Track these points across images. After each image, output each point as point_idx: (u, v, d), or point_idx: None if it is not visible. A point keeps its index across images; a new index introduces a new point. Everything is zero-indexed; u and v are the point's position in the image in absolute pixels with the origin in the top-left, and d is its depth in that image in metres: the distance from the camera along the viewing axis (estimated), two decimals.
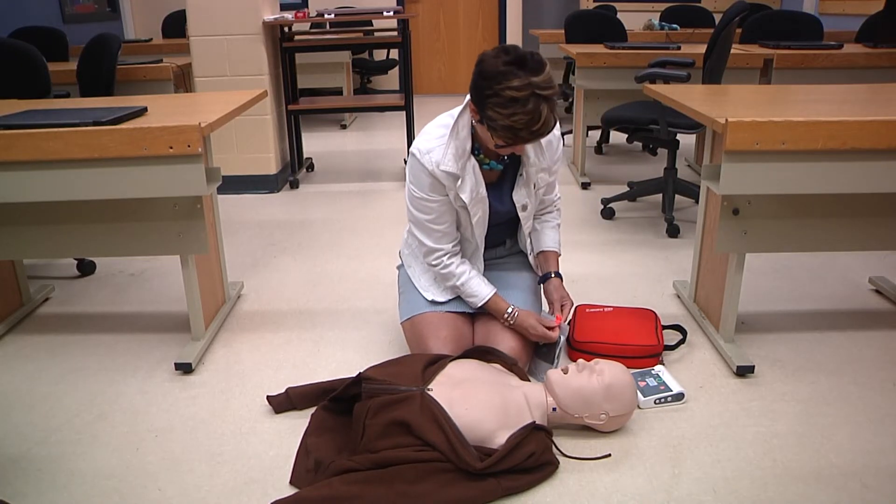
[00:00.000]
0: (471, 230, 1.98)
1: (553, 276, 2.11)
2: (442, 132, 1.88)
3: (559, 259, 2.16)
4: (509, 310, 1.96)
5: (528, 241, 2.14)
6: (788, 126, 1.80)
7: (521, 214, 2.02)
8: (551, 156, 2.00)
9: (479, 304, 1.99)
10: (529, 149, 1.93)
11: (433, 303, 2.03)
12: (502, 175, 2.00)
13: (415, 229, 1.99)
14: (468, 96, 1.79)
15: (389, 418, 1.60)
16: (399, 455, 1.56)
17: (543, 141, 1.95)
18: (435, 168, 1.85)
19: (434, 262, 1.99)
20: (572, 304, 2.07)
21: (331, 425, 1.78)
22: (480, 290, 1.98)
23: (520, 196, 1.99)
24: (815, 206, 2.00)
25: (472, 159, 1.88)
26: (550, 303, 2.08)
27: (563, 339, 1.99)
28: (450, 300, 2.03)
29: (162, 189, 1.96)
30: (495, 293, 1.99)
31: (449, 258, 1.98)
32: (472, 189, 1.88)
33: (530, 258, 2.17)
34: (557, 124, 1.91)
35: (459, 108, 1.87)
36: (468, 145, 1.87)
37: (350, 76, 5.91)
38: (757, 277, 2.70)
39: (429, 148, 1.87)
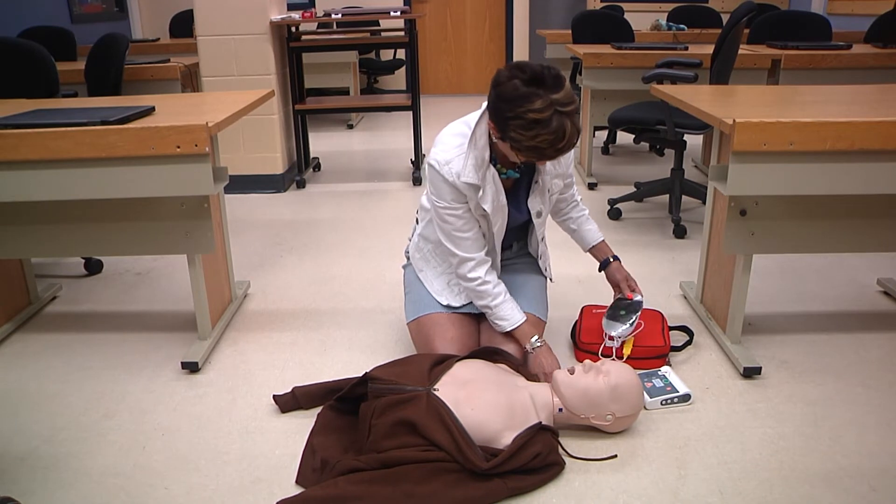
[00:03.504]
0: (491, 238, 1.96)
1: (612, 260, 2.16)
2: (459, 141, 1.85)
3: (606, 242, 2.21)
4: (534, 339, 1.92)
5: (539, 244, 2.12)
6: (796, 127, 1.79)
7: (535, 221, 2.01)
8: (566, 161, 1.99)
9: (507, 330, 1.93)
10: None
11: (448, 307, 2.02)
12: (517, 182, 1.98)
13: (444, 240, 1.94)
14: (484, 105, 1.77)
15: (395, 418, 1.60)
16: (405, 455, 1.56)
17: None
18: (456, 179, 1.82)
19: (471, 277, 1.92)
20: (635, 284, 2.14)
21: (337, 425, 1.78)
22: (513, 315, 1.93)
23: (535, 203, 1.97)
24: (822, 207, 1.99)
25: (492, 168, 1.85)
26: (616, 284, 2.14)
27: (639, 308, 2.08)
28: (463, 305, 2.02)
29: (169, 188, 1.97)
30: (526, 321, 1.94)
31: (487, 274, 1.93)
32: (494, 198, 1.86)
33: (540, 262, 2.16)
34: None
35: (475, 115, 1.85)
36: (486, 154, 1.83)
37: (357, 76, 5.91)
38: (764, 278, 2.69)
39: (447, 159, 1.84)
